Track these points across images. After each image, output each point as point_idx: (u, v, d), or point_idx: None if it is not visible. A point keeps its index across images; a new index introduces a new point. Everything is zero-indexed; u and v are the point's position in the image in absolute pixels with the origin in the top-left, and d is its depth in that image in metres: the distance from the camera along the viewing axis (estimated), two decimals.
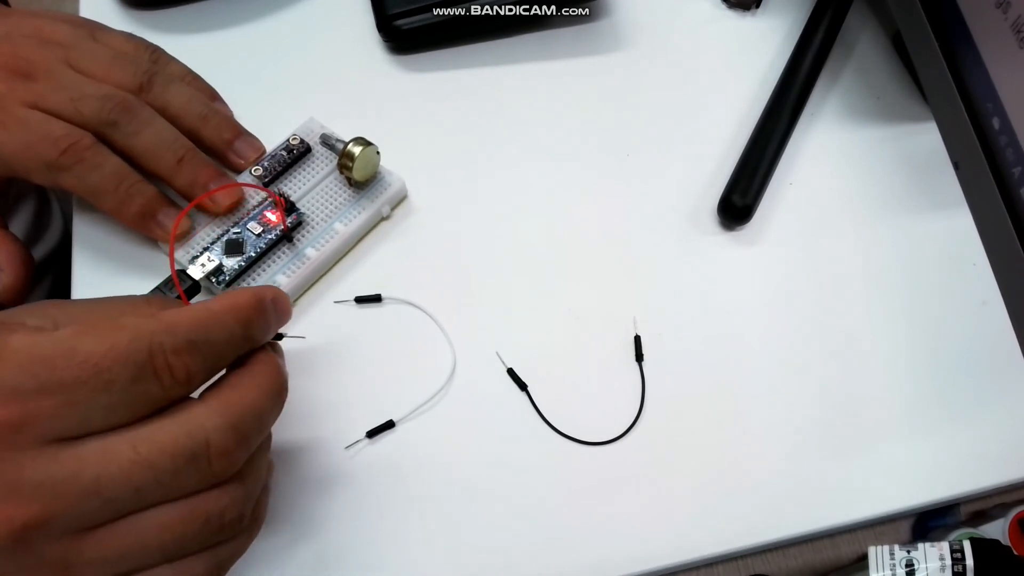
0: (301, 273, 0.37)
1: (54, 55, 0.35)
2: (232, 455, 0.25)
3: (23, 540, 0.22)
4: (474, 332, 0.37)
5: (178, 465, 0.24)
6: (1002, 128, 0.33)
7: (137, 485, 0.23)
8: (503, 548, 0.34)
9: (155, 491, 0.24)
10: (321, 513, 0.34)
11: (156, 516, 0.24)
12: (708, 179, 0.41)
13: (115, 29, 0.38)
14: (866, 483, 0.35)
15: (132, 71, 0.36)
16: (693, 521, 0.34)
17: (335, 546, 0.34)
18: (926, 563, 0.32)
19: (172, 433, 0.24)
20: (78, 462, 0.23)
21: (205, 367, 0.25)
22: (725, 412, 0.36)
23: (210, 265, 0.35)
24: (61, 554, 0.23)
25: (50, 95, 0.34)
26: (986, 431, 0.36)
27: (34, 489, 0.22)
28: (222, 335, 0.25)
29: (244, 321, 0.26)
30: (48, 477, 0.22)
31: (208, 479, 0.24)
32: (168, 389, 0.24)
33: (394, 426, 0.35)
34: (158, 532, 0.24)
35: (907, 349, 0.38)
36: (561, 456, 0.35)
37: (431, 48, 0.44)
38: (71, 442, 0.23)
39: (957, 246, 0.40)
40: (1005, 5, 0.32)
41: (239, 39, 0.43)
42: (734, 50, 0.44)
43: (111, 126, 0.35)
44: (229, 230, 0.37)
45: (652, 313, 0.38)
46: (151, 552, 0.24)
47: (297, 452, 0.35)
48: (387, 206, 0.39)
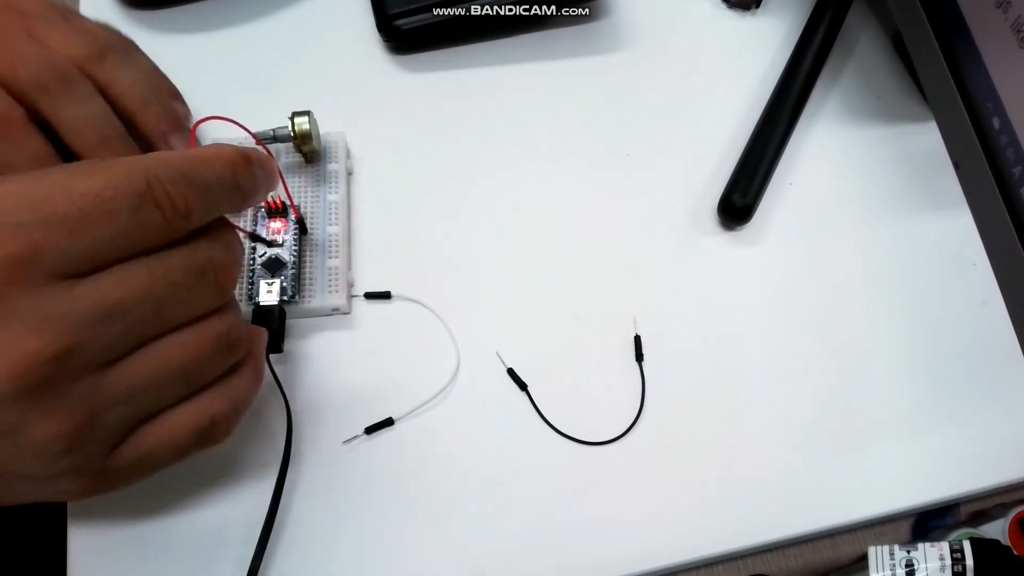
0: (342, 248, 0.37)
1: (13, 21, 0.34)
2: (232, 273, 0.26)
3: (48, 379, 0.22)
4: (473, 332, 0.37)
5: (190, 281, 0.24)
6: (1002, 128, 0.33)
7: (158, 302, 0.24)
8: (502, 548, 0.34)
9: (174, 309, 0.24)
10: (320, 508, 0.34)
11: (173, 339, 0.25)
12: (708, 179, 0.41)
13: (95, 19, 0.37)
14: (866, 483, 0.35)
15: (88, 42, 0.34)
16: (693, 521, 0.34)
17: (332, 545, 0.34)
18: (926, 563, 0.32)
19: (181, 255, 0.24)
20: (96, 292, 0.23)
21: (201, 203, 0.25)
22: (725, 412, 0.36)
23: (275, 287, 0.35)
24: (85, 393, 0.23)
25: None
26: (986, 431, 0.37)
27: (57, 321, 0.22)
28: (212, 176, 0.25)
29: (231, 166, 0.26)
30: (69, 309, 0.22)
31: (216, 297, 0.26)
32: (170, 220, 0.24)
33: (393, 424, 0.35)
34: (178, 355, 0.25)
35: (907, 349, 0.38)
36: (561, 456, 0.35)
37: (431, 48, 0.43)
38: (84, 277, 0.23)
39: (957, 246, 0.40)
40: (1005, 5, 0.32)
41: (239, 39, 0.43)
42: (734, 50, 0.44)
43: (42, 91, 0.32)
44: (252, 256, 0.36)
45: (652, 313, 0.38)
46: (172, 379, 0.25)
47: (296, 444, 0.35)
48: (345, 159, 0.40)
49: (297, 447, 0.35)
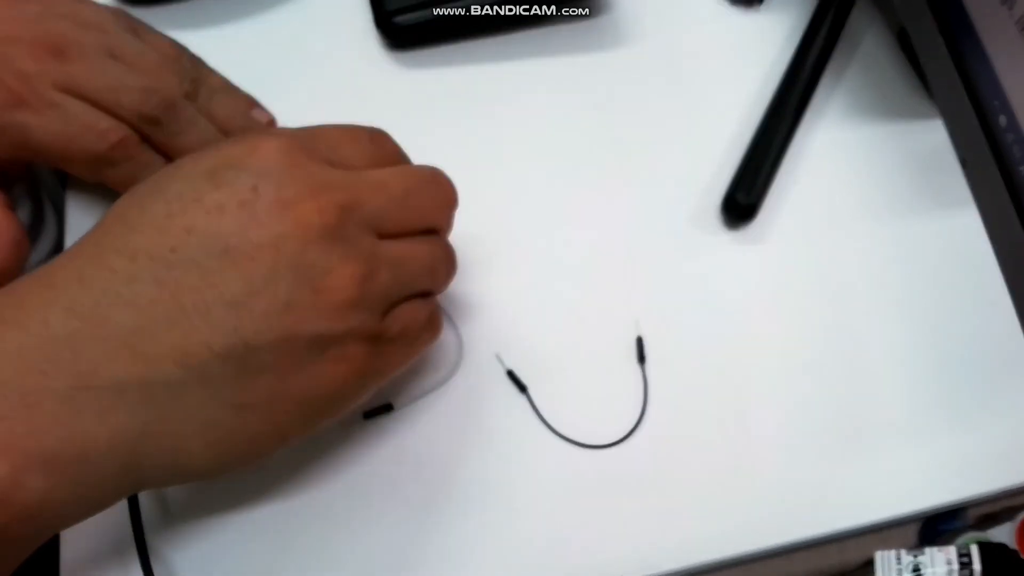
0: None
1: (92, 39, 0.34)
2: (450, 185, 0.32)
3: (339, 225, 0.26)
4: (473, 332, 0.37)
5: (423, 181, 0.30)
6: (1008, 125, 0.33)
7: (406, 190, 0.29)
8: (502, 552, 0.33)
9: (419, 201, 0.30)
10: (320, 506, 0.34)
11: (415, 241, 0.30)
12: (711, 177, 0.41)
13: (156, 30, 0.37)
14: (872, 487, 0.35)
15: (177, 75, 0.35)
16: (696, 525, 0.34)
17: (331, 542, 0.33)
18: (933, 568, 0.32)
19: (412, 167, 0.31)
20: (358, 174, 0.28)
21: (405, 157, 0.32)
22: (729, 414, 0.36)
23: None
24: (368, 243, 0.27)
25: (87, 80, 0.33)
26: (994, 433, 0.36)
27: (336, 183, 0.27)
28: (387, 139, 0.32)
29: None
30: (342, 176, 0.27)
31: (444, 204, 0.32)
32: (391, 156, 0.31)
33: (392, 410, 0.35)
34: (427, 251, 0.30)
35: (913, 350, 0.38)
36: (561, 459, 0.35)
37: (429, 45, 0.43)
38: (345, 167, 0.28)
39: (964, 245, 0.39)
40: (1011, 2, 0.32)
41: (236, 36, 0.43)
42: (737, 47, 0.44)
43: (153, 123, 0.34)
44: None
45: (655, 314, 0.38)
46: (420, 268, 0.30)
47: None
48: None
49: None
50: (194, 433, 0.26)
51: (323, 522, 0.34)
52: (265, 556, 0.33)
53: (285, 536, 0.34)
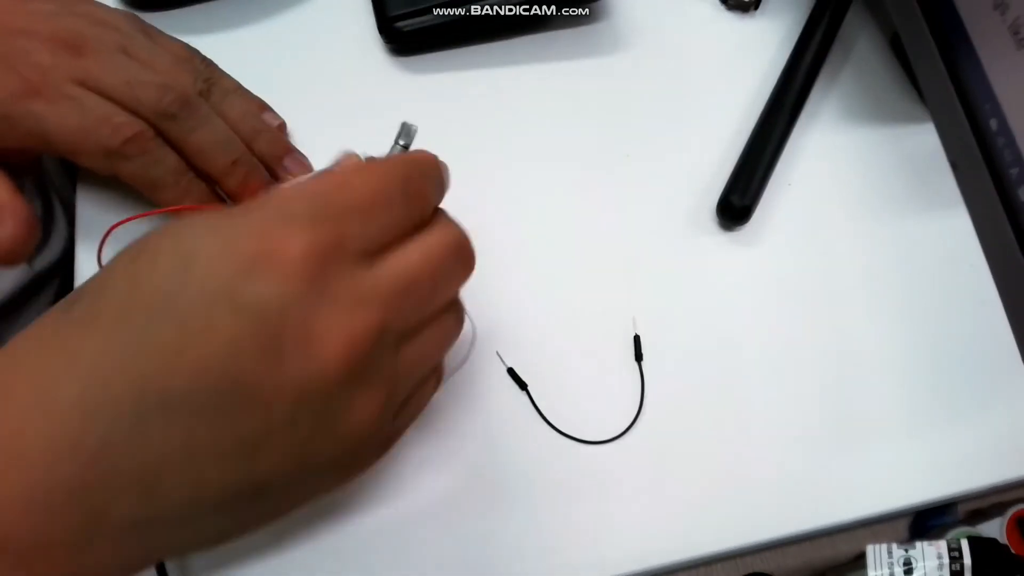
0: None
1: (108, 36, 0.34)
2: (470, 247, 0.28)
3: (370, 356, 0.24)
4: (474, 332, 0.37)
5: (449, 257, 0.27)
6: (1000, 129, 0.33)
7: (434, 280, 0.26)
8: (501, 546, 0.34)
9: (444, 286, 0.27)
10: (318, 505, 0.34)
11: (433, 326, 0.27)
12: (707, 179, 0.41)
13: (169, 35, 0.38)
14: (864, 482, 0.35)
15: (191, 74, 0.36)
16: (692, 519, 0.35)
17: (329, 539, 0.34)
18: (924, 562, 0.32)
19: (439, 235, 0.27)
20: (390, 270, 0.25)
21: (436, 193, 0.28)
22: (723, 411, 0.37)
23: None
24: (391, 365, 0.25)
25: (102, 75, 0.33)
26: (984, 430, 0.37)
27: (370, 299, 0.24)
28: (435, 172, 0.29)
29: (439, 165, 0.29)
30: (375, 285, 0.24)
31: (467, 268, 0.28)
32: (423, 209, 0.27)
33: None
34: (455, 324, 0.28)
35: (905, 348, 0.38)
36: (560, 455, 0.35)
37: (432, 50, 0.44)
38: (376, 256, 0.25)
39: (955, 246, 0.40)
40: (1003, 7, 0.32)
41: (240, 41, 0.43)
42: (733, 51, 0.44)
43: (169, 118, 0.34)
44: None
45: (651, 313, 0.38)
46: (445, 348, 0.28)
47: None
48: None
49: None
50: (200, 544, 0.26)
51: (320, 519, 0.34)
52: (264, 553, 0.34)
53: (280, 529, 0.34)
